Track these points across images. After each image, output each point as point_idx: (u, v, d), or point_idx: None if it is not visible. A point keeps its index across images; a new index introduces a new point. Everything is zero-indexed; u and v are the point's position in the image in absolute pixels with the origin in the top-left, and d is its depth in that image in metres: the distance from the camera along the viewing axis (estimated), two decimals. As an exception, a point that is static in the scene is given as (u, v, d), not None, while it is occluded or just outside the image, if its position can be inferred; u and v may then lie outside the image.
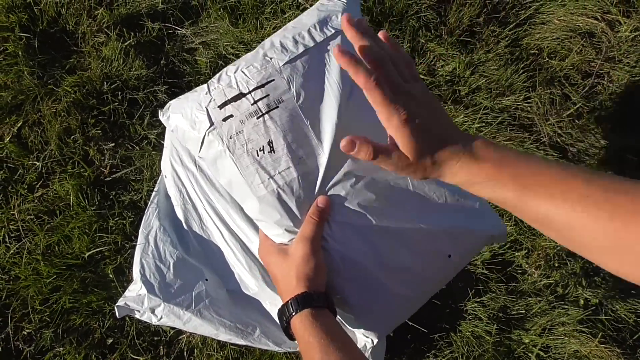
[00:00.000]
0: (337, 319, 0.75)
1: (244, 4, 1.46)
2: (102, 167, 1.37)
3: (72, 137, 1.38)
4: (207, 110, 0.72)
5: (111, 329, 1.26)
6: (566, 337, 1.21)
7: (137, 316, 0.80)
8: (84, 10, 1.49)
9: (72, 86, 1.39)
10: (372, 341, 0.78)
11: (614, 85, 1.40)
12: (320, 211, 0.69)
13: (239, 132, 0.70)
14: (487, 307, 1.25)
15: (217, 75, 0.75)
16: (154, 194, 0.89)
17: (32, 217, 1.33)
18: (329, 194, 0.71)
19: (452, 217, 0.74)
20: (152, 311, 0.80)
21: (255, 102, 0.70)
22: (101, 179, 1.36)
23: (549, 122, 1.37)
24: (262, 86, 0.70)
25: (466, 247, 0.76)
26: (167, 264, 0.81)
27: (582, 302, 1.24)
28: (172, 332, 1.25)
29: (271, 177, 0.69)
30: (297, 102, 0.70)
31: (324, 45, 0.73)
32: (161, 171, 0.89)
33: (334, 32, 0.73)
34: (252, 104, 0.70)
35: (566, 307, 1.23)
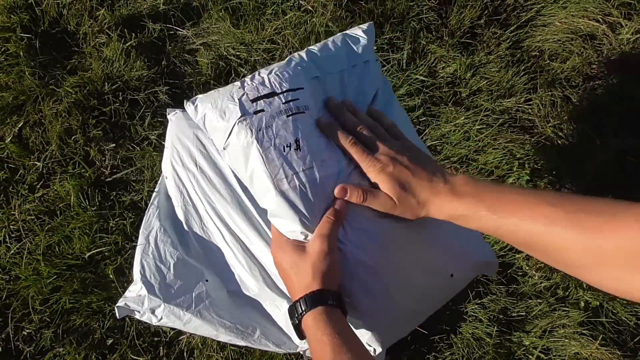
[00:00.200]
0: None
1: (245, 5, 1.46)
2: (102, 167, 1.37)
3: (73, 137, 1.38)
4: (240, 101, 0.74)
5: (111, 329, 1.26)
6: (567, 340, 1.21)
7: (137, 317, 0.80)
8: (86, 10, 1.49)
9: (73, 87, 1.39)
10: (375, 350, 0.79)
11: (615, 87, 1.40)
12: (337, 212, 0.70)
13: (269, 126, 0.72)
14: (487, 309, 1.25)
15: (250, 75, 0.78)
16: (154, 194, 0.89)
17: (32, 217, 1.33)
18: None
19: (458, 239, 0.78)
20: (152, 312, 0.79)
21: (287, 102, 0.73)
22: (102, 180, 1.36)
23: (549, 124, 1.37)
24: (293, 90, 0.74)
25: (466, 269, 0.80)
26: (168, 264, 0.81)
27: (582, 304, 1.24)
28: (172, 333, 1.25)
29: (296, 173, 0.70)
30: (318, 113, 0.75)
31: (344, 74, 0.81)
32: (162, 172, 0.89)
33: (354, 66, 0.82)
34: (283, 103, 0.73)
35: (567, 309, 1.23)
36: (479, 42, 1.46)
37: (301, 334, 0.67)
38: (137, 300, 0.79)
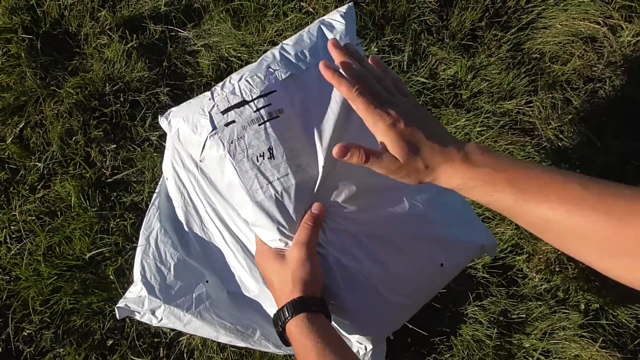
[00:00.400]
0: (332, 324, 0.75)
1: (246, 7, 1.47)
2: (103, 168, 1.37)
3: (74, 138, 1.38)
4: (210, 114, 0.73)
5: (111, 330, 1.26)
6: (567, 342, 1.21)
7: (138, 317, 0.80)
8: (87, 12, 1.49)
9: (74, 87, 1.39)
10: (366, 347, 0.79)
11: (616, 89, 1.40)
12: (314, 217, 0.70)
13: (241, 137, 0.71)
14: (487, 310, 1.25)
15: (221, 83, 0.77)
16: (155, 195, 0.89)
17: (33, 218, 1.33)
18: (325, 201, 0.72)
19: (444, 228, 0.75)
20: (153, 313, 0.80)
21: (257, 110, 0.71)
22: (102, 180, 1.36)
23: (550, 127, 1.37)
24: (265, 95, 0.72)
25: (457, 257, 0.78)
26: (168, 265, 0.81)
27: (583, 306, 1.23)
28: (172, 334, 1.25)
29: (270, 182, 0.70)
30: (296, 114, 0.72)
31: None
32: (162, 173, 0.89)
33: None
34: (254, 111, 0.71)
35: (567, 311, 1.23)
36: (479, 44, 1.46)
37: (286, 341, 0.68)
38: (138, 301, 0.80)
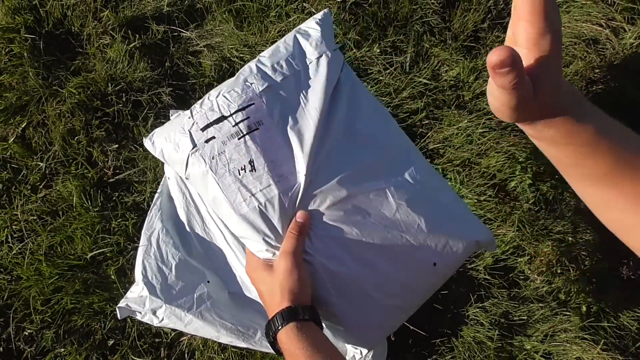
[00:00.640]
0: (325, 331, 0.75)
1: (249, 7, 1.47)
2: (105, 168, 1.37)
3: (76, 138, 1.38)
4: (190, 132, 0.74)
5: (112, 330, 1.26)
6: (568, 344, 1.20)
7: (139, 317, 0.80)
8: (90, 12, 1.49)
9: (76, 87, 1.40)
10: (361, 352, 0.79)
11: (618, 92, 1.39)
12: (299, 226, 0.70)
13: (221, 152, 0.72)
14: (489, 312, 1.25)
15: (200, 100, 0.78)
16: (157, 195, 0.89)
17: (35, 217, 1.33)
18: (309, 208, 0.72)
19: (434, 226, 0.75)
20: (154, 313, 0.80)
21: (236, 124, 0.73)
22: (104, 180, 1.36)
23: (552, 128, 1.37)
24: (243, 109, 0.73)
25: (451, 255, 0.77)
26: (169, 265, 0.81)
27: (584, 309, 1.23)
28: (173, 334, 1.25)
29: (253, 195, 0.71)
30: (276, 124, 0.73)
31: (299, 74, 0.77)
32: (164, 173, 0.89)
33: (310, 63, 0.78)
34: (233, 126, 0.73)
35: (568, 313, 1.23)
36: (482, 45, 1.46)
37: (278, 351, 0.68)
38: (139, 301, 0.80)
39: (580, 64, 1.41)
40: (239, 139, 0.72)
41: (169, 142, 0.77)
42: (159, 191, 0.90)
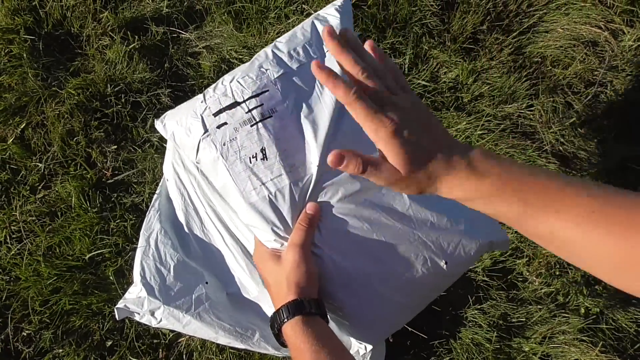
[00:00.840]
0: (331, 324, 0.75)
1: (248, 8, 1.47)
2: (104, 169, 1.37)
3: (75, 139, 1.38)
4: (202, 117, 0.73)
5: (111, 331, 1.26)
6: (567, 346, 1.20)
7: (137, 318, 0.80)
8: (89, 13, 1.49)
9: (75, 88, 1.40)
10: (366, 347, 0.78)
11: (617, 94, 1.40)
12: (309, 218, 0.69)
13: (233, 139, 0.71)
14: (487, 314, 1.25)
15: (214, 85, 0.77)
16: (155, 196, 0.89)
17: (33, 218, 1.33)
18: (319, 200, 0.71)
19: (447, 224, 0.74)
20: (152, 314, 0.79)
21: (249, 111, 0.71)
22: (103, 181, 1.36)
23: (551, 130, 1.37)
24: (257, 96, 0.72)
25: (463, 255, 0.76)
26: (168, 266, 0.81)
27: (582, 310, 1.23)
28: (171, 335, 1.25)
29: (263, 183, 0.70)
30: (290, 112, 0.72)
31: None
32: (163, 174, 0.89)
33: (327, 50, 0.75)
34: (246, 112, 0.71)
35: (567, 315, 1.23)
36: (481, 47, 1.46)
37: (282, 343, 0.68)
38: (137, 302, 0.80)
39: (579, 66, 1.41)
40: (251, 126, 0.71)
41: (180, 125, 0.76)
42: (157, 192, 0.90)
